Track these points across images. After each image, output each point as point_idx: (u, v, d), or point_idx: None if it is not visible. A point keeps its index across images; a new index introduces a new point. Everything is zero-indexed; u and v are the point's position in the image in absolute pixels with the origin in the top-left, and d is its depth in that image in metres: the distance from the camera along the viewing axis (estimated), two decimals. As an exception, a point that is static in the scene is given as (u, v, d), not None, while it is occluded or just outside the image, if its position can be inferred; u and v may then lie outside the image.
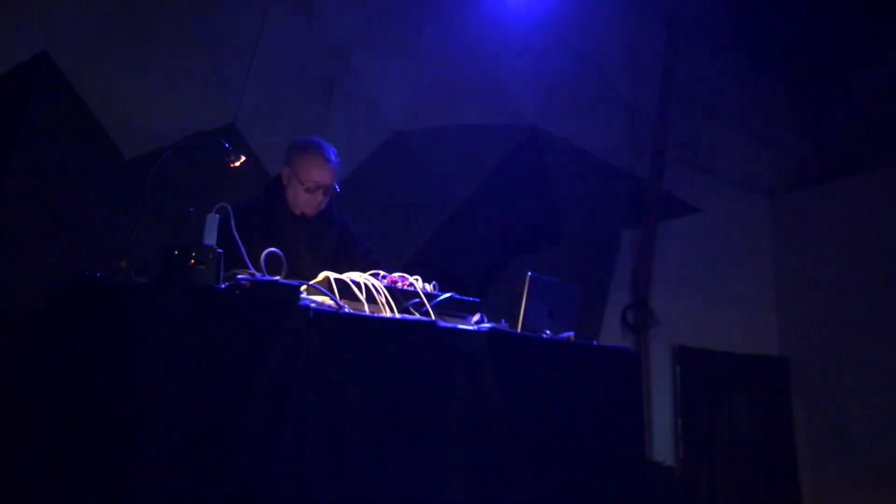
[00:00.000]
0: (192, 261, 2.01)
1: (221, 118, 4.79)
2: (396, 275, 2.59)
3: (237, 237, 2.33)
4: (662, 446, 6.37)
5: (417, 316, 2.45)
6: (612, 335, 6.31)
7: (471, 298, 2.71)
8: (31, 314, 2.50)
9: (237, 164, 2.59)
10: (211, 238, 2.11)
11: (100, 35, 4.46)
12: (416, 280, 2.59)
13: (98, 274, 2.18)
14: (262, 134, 4.89)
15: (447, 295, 2.60)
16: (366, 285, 2.38)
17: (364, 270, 2.49)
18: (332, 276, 2.35)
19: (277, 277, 2.25)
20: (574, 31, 6.43)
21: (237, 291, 2.11)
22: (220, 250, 2.10)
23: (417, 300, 2.48)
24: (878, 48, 7.45)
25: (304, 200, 3.01)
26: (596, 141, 6.54)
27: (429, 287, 2.63)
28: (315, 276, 2.40)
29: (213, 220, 2.13)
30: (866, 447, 6.55)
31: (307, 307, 2.20)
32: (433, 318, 2.46)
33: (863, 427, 6.61)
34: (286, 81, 5.14)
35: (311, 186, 2.99)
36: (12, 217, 4.11)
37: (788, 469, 6.97)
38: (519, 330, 2.70)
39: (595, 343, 2.96)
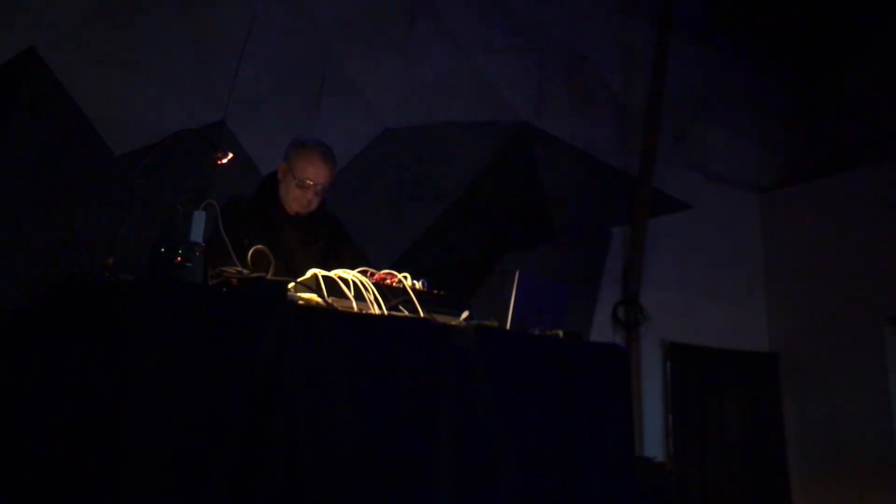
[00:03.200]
0: (179, 258, 2.00)
1: (211, 114, 4.78)
2: (384, 272, 2.58)
3: (224, 234, 2.32)
4: (653, 442, 6.40)
5: (406, 313, 2.44)
6: (602, 332, 6.33)
7: (460, 295, 2.70)
8: (18, 312, 2.48)
9: (224, 161, 2.58)
10: (197, 235, 2.10)
11: (88, 30, 4.44)
12: (405, 277, 2.58)
13: (85, 271, 2.17)
14: (252, 130, 4.88)
15: (436, 292, 2.59)
16: (354, 282, 2.38)
17: (354, 268, 2.49)
18: (321, 273, 2.35)
19: (264, 275, 2.24)
20: (565, 27, 6.44)
21: (224, 288, 2.10)
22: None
23: (406, 297, 2.47)
24: (868, 46, 7.49)
25: (296, 197, 2.99)
26: (587, 137, 6.56)
27: (418, 284, 2.62)
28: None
29: (199, 216, 2.12)
30: (855, 442, 6.59)
31: (294, 304, 2.20)
32: (422, 315, 2.46)
33: (852, 422, 6.65)
34: (276, 78, 5.12)
35: (303, 183, 2.98)
36: (1, 213, 4.09)
37: (778, 464, 7.01)
38: (508, 327, 2.70)
39: (583, 340, 2.95)
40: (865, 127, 7.44)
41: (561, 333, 2.85)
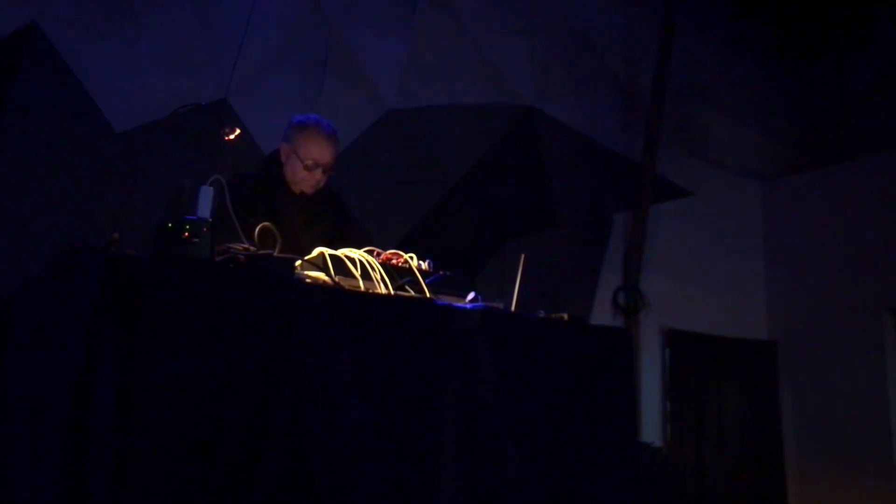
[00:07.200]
0: (186, 234, 1.98)
1: (213, 92, 4.74)
2: (391, 251, 2.57)
3: (231, 210, 2.30)
4: (651, 428, 6.41)
5: (412, 293, 2.43)
6: (602, 317, 6.33)
7: (466, 277, 2.69)
8: (23, 288, 2.47)
9: (232, 136, 2.55)
10: (205, 210, 2.08)
11: (90, 6, 4.40)
12: (411, 258, 2.57)
13: (90, 247, 2.15)
14: (254, 108, 4.84)
15: (442, 273, 2.58)
16: (361, 262, 2.36)
17: (359, 248, 2.47)
18: (328, 251, 2.33)
19: (272, 252, 2.23)
20: (570, 12, 6.40)
21: (232, 265, 2.08)
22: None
23: (412, 278, 2.46)
24: (871, 36, 7.46)
25: (303, 178, 2.97)
26: (590, 123, 6.54)
27: (424, 265, 2.61)
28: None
29: (206, 192, 2.10)
30: (851, 431, 6.62)
31: (302, 282, 2.18)
32: (428, 295, 2.45)
33: (848, 411, 6.67)
34: (279, 56, 5.08)
35: (310, 164, 2.95)
36: (1, 190, 4.06)
37: (774, 451, 7.03)
38: (513, 309, 2.69)
39: (588, 323, 2.95)
40: (867, 117, 7.42)
41: (565, 316, 2.85)
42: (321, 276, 2.28)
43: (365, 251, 2.44)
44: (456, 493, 2.26)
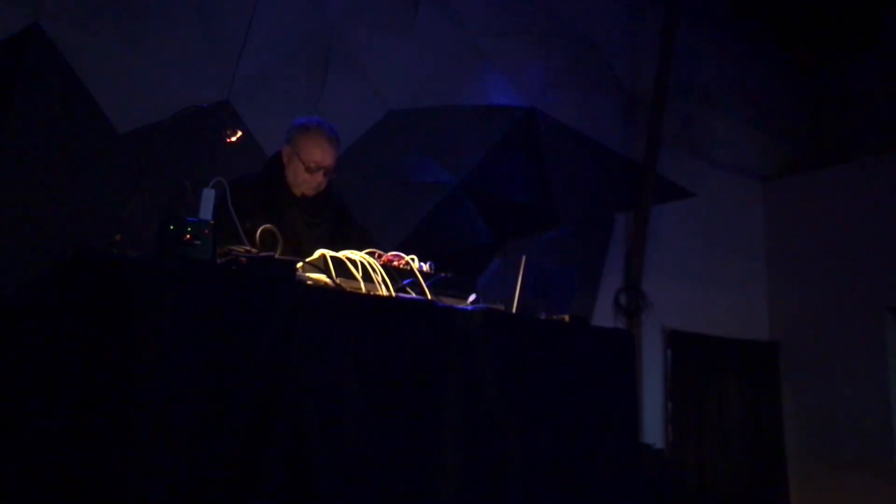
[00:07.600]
0: (188, 236, 1.99)
1: (215, 93, 4.74)
2: (392, 253, 2.57)
3: (233, 212, 2.30)
4: (652, 429, 6.41)
5: (413, 295, 2.43)
6: (604, 318, 6.33)
7: (466, 279, 2.70)
8: (24, 289, 2.47)
9: (234, 138, 2.56)
10: (207, 212, 2.08)
11: (92, 6, 4.40)
12: (413, 259, 2.57)
13: (92, 248, 2.16)
14: (256, 110, 4.84)
15: (443, 274, 2.58)
16: (362, 263, 2.37)
17: (360, 250, 2.47)
18: (329, 253, 2.33)
19: (273, 254, 2.23)
20: (572, 12, 6.40)
21: (233, 267, 2.09)
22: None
23: (413, 279, 2.46)
24: (873, 37, 7.46)
25: (304, 180, 2.98)
26: (592, 123, 6.54)
27: (425, 267, 2.61)
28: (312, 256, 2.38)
29: (208, 194, 2.10)
30: (853, 432, 6.62)
31: (303, 284, 2.19)
32: (429, 297, 2.45)
33: (850, 412, 6.67)
34: (281, 57, 5.09)
35: (311, 167, 2.96)
36: (2, 192, 4.07)
37: (776, 452, 7.03)
38: (514, 311, 2.69)
39: (590, 324, 2.95)
40: (869, 117, 7.43)
41: (567, 318, 2.85)
42: (322, 277, 2.28)
43: (366, 253, 2.44)
44: (457, 493, 2.26)
